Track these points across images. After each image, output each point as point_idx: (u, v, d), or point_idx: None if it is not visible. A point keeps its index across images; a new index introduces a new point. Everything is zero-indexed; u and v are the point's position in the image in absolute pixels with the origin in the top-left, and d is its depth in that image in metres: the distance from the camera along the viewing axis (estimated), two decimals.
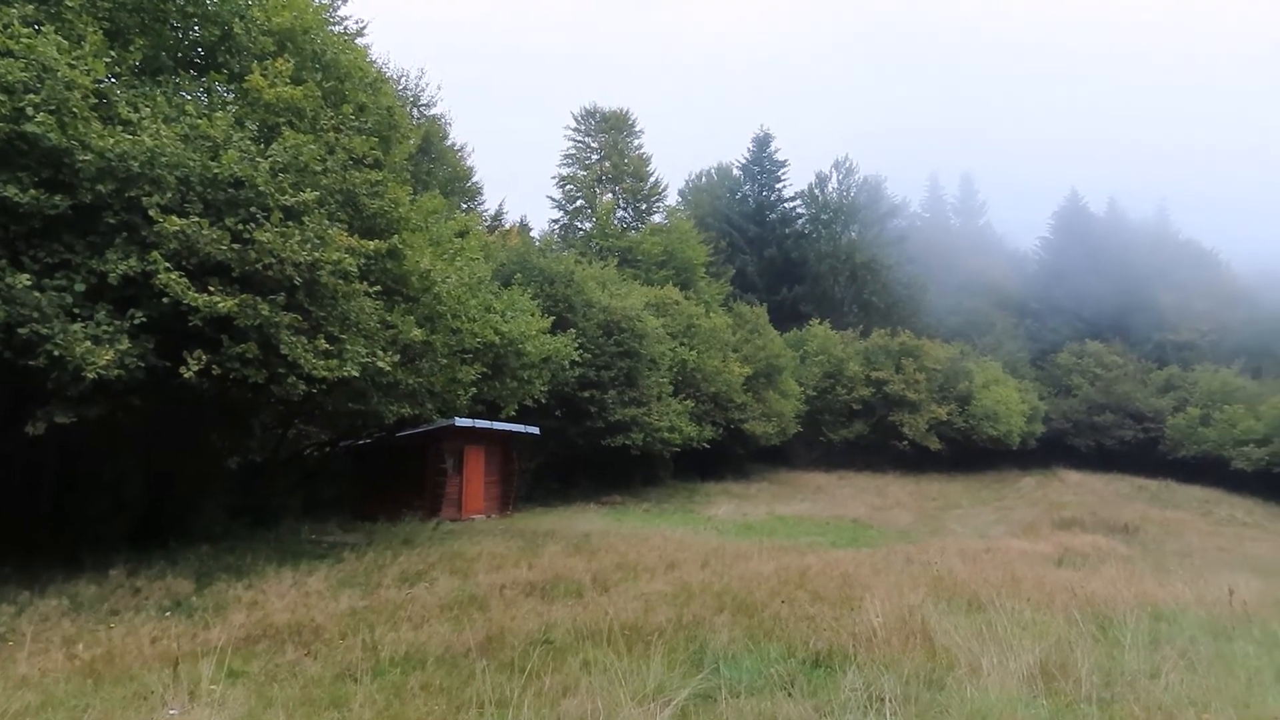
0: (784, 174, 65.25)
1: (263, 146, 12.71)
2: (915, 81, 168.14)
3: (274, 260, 11.81)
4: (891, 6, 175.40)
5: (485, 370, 18.80)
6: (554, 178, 49.05)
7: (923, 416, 50.08)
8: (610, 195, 48.26)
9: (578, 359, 26.31)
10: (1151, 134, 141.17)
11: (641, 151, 49.74)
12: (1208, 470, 53.90)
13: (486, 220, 42.91)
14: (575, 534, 18.68)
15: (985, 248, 76.98)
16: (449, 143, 37.64)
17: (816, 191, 66.97)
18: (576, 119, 49.62)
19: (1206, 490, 50.67)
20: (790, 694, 6.27)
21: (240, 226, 11.81)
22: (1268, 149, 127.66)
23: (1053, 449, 57.82)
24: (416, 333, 14.74)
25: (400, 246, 14.66)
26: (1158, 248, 72.27)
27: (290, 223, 12.17)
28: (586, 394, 30.70)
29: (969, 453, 52.40)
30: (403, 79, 35.20)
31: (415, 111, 35.34)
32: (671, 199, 55.98)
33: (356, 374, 13.10)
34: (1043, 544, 24.79)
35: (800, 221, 65.80)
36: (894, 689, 6.06)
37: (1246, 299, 69.47)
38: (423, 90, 36.81)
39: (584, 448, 31.84)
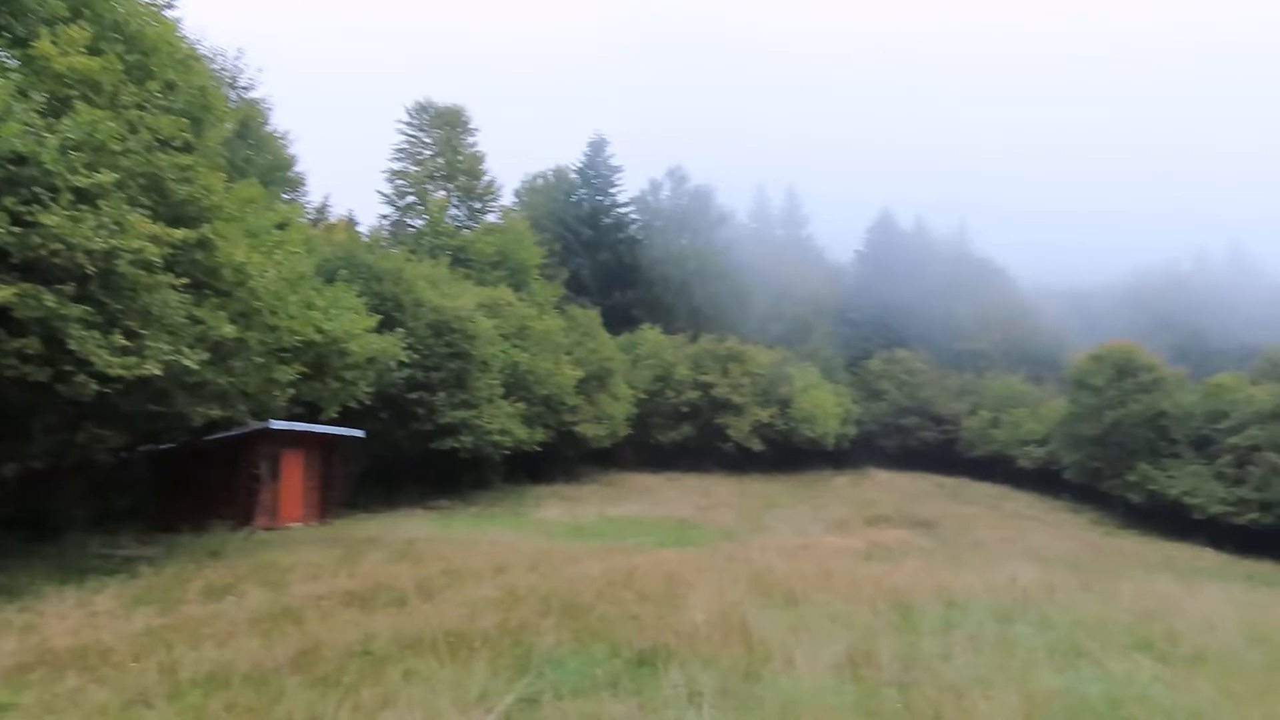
0: (618, 179, 66.09)
1: (52, 121, 11.52)
2: (745, 96, 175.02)
3: (62, 246, 10.73)
4: (724, 23, 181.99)
5: (305, 370, 17.89)
6: (384, 172, 47.28)
7: (746, 419, 52.13)
8: (443, 193, 47.03)
9: (406, 359, 25.59)
10: (953, 154, 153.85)
11: (476, 150, 48.82)
12: (997, 468, 59.37)
13: (310, 213, 40.74)
14: (400, 540, 18.08)
15: (807, 258, 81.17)
16: (270, 129, 35.44)
17: (650, 198, 68.38)
18: (410, 113, 48.07)
19: (996, 487, 55.71)
20: (615, 694, 6.34)
21: (22, 208, 10.66)
22: (1055, 173, 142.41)
23: (864, 449, 61.78)
24: (228, 329, 13.81)
25: (212, 237, 13.70)
26: (957, 263, 78.83)
27: (83, 206, 11.11)
28: (415, 395, 29.83)
29: (789, 453, 55.04)
30: (219, 58, 32.88)
31: (233, 93, 33.06)
32: (506, 199, 55.28)
33: (158, 373, 12.12)
34: (854, 539, 26.40)
35: (634, 227, 66.83)
36: (713, 684, 6.26)
37: (1030, 312, 77.06)
38: (241, 71, 34.49)
39: (411, 451, 30.92)
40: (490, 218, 48.37)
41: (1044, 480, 56.19)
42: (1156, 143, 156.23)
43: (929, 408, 64.53)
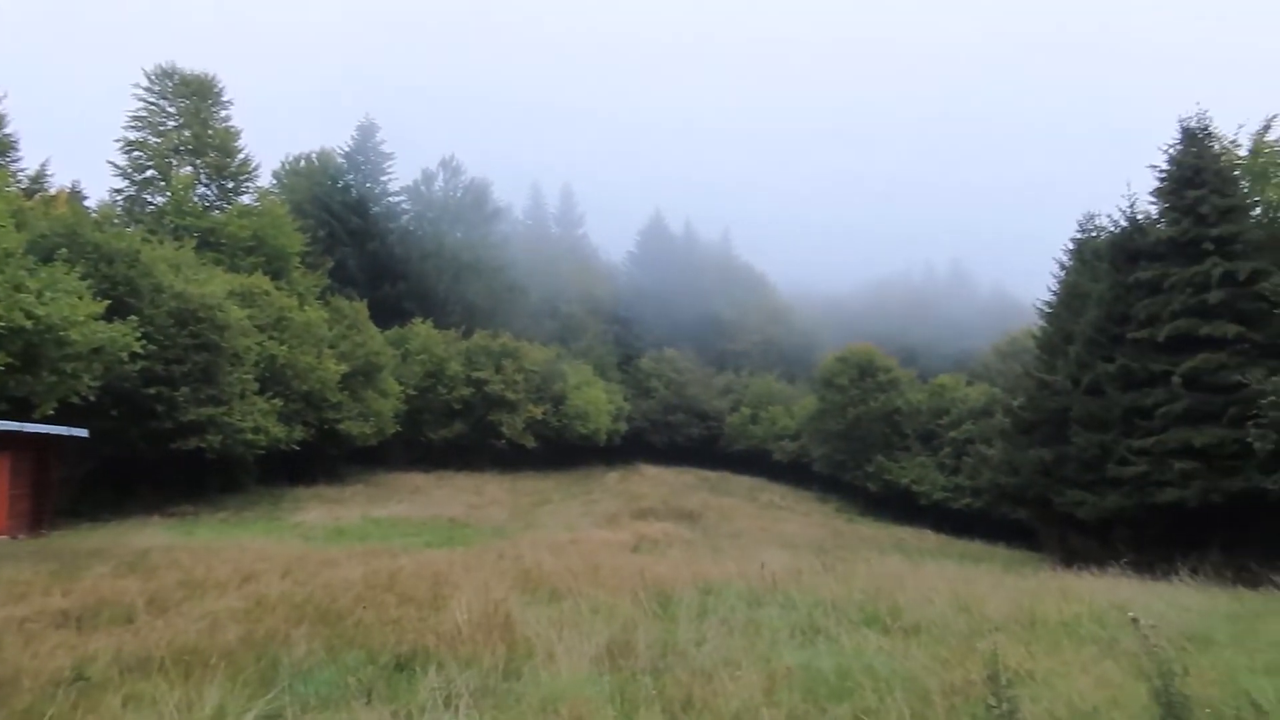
0: (390, 167, 63.70)
1: None
2: (519, 93, 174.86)
3: None
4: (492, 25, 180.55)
5: (12, 361, 15.70)
6: (119, 141, 42.33)
7: (520, 416, 52.04)
8: (190, 169, 42.86)
9: (141, 350, 23.16)
10: (720, 166, 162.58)
11: (230, 125, 44.86)
12: (755, 461, 63.30)
13: (22, 182, 35.80)
14: (130, 551, 16.28)
15: (582, 257, 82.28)
16: None
17: (423, 188, 66.31)
18: (150, 78, 43.24)
19: (754, 479, 59.32)
20: (368, 702, 6.06)
21: None
22: (811, 189, 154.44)
23: (634, 445, 63.59)
24: None
25: None
26: (722, 268, 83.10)
27: None
28: (152, 391, 27.08)
29: (562, 450, 55.56)
30: None
31: None
32: (265, 180, 51.19)
33: None
34: (622, 533, 27.11)
35: (405, 217, 64.64)
36: (473, 684, 6.14)
37: (786, 316, 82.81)
38: None
39: (148, 452, 28.05)
40: (245, 199, 44.70)
41: (796, 472, 60.69)
42: (899, 169, 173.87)
43: (695, 405, 67.56)
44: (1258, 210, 26.98)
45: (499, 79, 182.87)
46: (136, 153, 42.04)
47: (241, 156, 44.62)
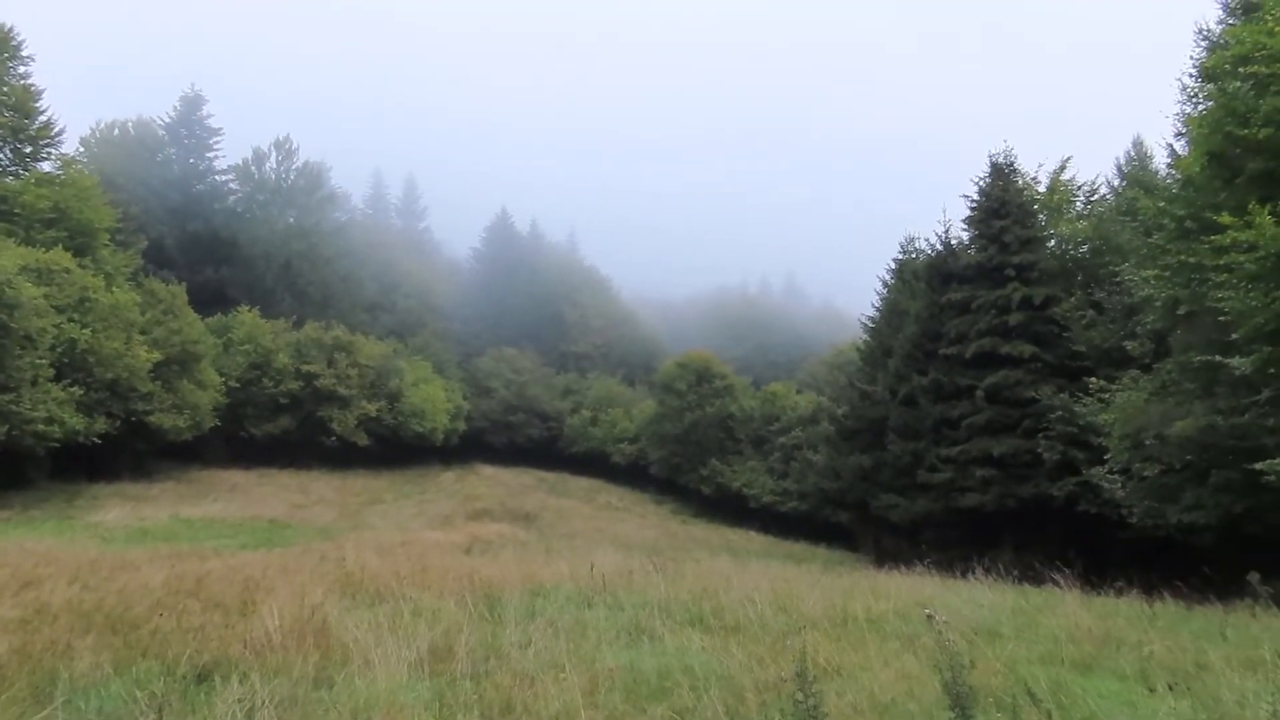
0: (217, 143, 59.83)
1: None
2: (366, 85, 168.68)
3: None
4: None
5: None
6: None
7: (352, 412, 50.14)
8: None
9: None
10: (568, 169, 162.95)
11: (30, 83, 40.65)
12: (594, 463, 63.71)
13: None
14: None
15: (424, 251, 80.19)
16: None
17: (253, 168, 62.47)
18: None
19: (592, 480, 59.67)
20: (160, 717, 5.60)
21: None
22: (650, 194, 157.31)
23: (472, 445, 62.58)
24: None
25: None
26: (567, 269, 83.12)
27: None
28: None
29: (396, 448, 53.90)
30: None
31: None
32: (70, 147, 46.70)
33: None
34: (456, 534, 26.61)
35: (233, 198, 60.79)
36: (280, 694, 5.80)
37: (629, 320, 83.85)
38: None
39: None
40: (46, 166, 40.64)
41: (634, 474, 61.53)
42: (739, 184, 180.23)
43: (535, 405, 67.21)
44: (1052, 242, 29.69)
45: (345, 71, 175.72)
46: None
47: (43, 119, 40.53)
